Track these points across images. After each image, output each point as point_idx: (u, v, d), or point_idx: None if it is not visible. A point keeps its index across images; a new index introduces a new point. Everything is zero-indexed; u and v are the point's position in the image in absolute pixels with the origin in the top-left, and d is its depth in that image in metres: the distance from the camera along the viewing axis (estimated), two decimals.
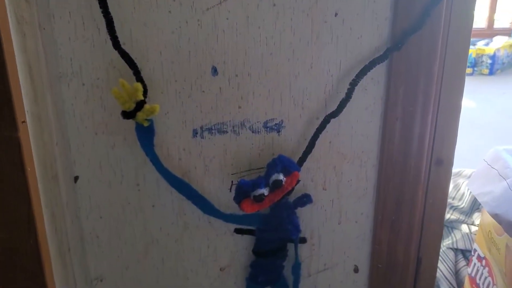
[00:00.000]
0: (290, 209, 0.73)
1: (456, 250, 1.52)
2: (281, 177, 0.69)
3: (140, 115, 0.65)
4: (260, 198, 0.68)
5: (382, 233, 0.79)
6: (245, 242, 0.81)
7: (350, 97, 0.68)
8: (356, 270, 0.83)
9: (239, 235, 0.80)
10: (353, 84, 0.68)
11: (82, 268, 0.81)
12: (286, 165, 0.68)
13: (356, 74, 0.68)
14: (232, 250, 0.81)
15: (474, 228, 1.51)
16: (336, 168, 0.76)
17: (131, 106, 0.64)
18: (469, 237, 1.47)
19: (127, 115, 0.64)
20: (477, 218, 1.53)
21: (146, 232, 0.80)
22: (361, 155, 0.76)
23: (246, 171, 0.75)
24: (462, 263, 1.46)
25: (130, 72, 0.68)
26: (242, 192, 0.69)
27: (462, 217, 1.59)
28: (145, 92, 0.65)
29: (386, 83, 0.71)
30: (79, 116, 0.72)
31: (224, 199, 0.77)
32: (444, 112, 0.73)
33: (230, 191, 0.76)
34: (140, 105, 0.64)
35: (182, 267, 0.82)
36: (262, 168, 0.75)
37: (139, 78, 0.65)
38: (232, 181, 0.75)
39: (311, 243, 0.81)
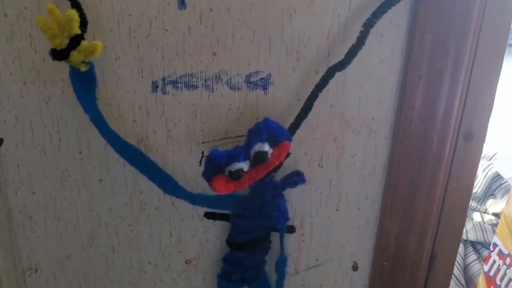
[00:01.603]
0: (276, 190, 0.58)
1: (465, 242, 1.39)
2: (266, 147, 0.54)
3: (75, 56, 0.48)
4: (237, 175, 0.53)
5: (391, 223, 0.65)
6: (218, 230, 0.66)
7: (362, 44, 0.53)
8: (355, 267, 0.69)
9: (210, 221, 0.65)
10: (367, 26, 0.52)
11: (10, 256, 0.65)
12: (273, 133, 0.53)
13: (372, 14, 0.52)
14: (201, 239, 0.67)
15: (487, 217, 1.37)
16: (337, 140, 0.61)
17: (63, 42, 0.48)
18: (481, 227, 1.33)
19: (58, 54, 0.48)
20: (491, 205, 1.40)
21: (92, 213, 0.64)
22: (371, 124, 0.60)
23: (221, 140, 0.60)
24: (472, 257, 1.32)
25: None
26: (214, 166, 0.53)
27: (474, 204, 1.45)
28: (83, 25, 0.49)
29: (409, 29, 0.56)
30: (0, 59, 0.56)
31: (191, 175, 0.62)
32: (480, 73, 0.58)
33: (200, 164, 0.61)
34: (75, 41, 0.47)
35: (137, 258, 0.67)
36: (242, 136, 0.60)
37: (74, 3, 0.48)
38: (202, 152, 0.60)
39: (301, 233, 0.67)
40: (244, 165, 0.54)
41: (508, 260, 1.02)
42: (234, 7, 0.54)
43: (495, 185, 1.47)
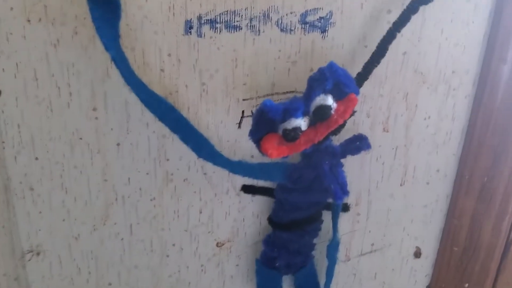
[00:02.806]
0: (335, 157, 0.48)
1: None
2: (329, 101, 0.44)
3: None
4: (294, 135, 0.43)
5: (466, 201, 0.55)
6: (257, 207, 0.56)
7: None
8: (417, 254, 0.60)
9: (248, 196, 0.56)
10: None
11: (7, 236, 0.56)
12: (340, 81, 0.43)
13: None
14: (237, 217, 0.57)
15: None
16: (408, 98, 0.51)
17: None
18: None
19: None
20: None
21: (107, 185, 0.55)
22: (450, 78, 0.50)
23: (266, 96, 0.50)
24: None
25: None
26: (266, 121, 0.43)
27: None
28: None
29: None
30: None
31: (228, 140, 0.52)
32: None
33: (239, 126, 0.51)
34: None
35: (159, 240, 0.58)
36: (292, 92, 0.50)
37: None
38: (242, 112, 0.50)
39: (356, 212, 0.57)
40: (303, 122, 0.44)
41: None
42: None
43: None
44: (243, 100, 0.51)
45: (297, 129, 0.43)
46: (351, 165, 0.53)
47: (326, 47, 0.48)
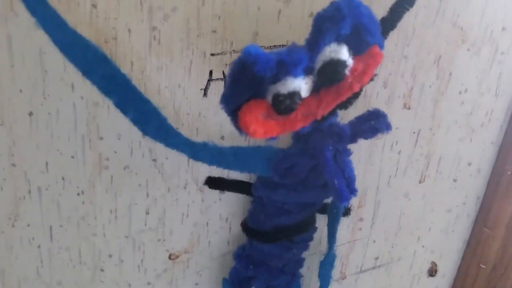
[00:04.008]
0: (342, 141, 0.34)
1: None
2: (345, 54, 0.29)
3: None
4: (289, 104, 0.29)
5: (504, 205, 0.42)
6: (228, 207, 0.42)
7: None
8: (432, 271, 0.46)
9: (215, 193, 0.41)
10: None
11: None
12: (363, 25, 0.28)
13: None
14: (198, 221, 0.42)
15: None
16: (440, 62, 0.37)
17: None
18: None
19: None
20: None
21: (15, 171, 0.39)
22: (499, 37, 0.37)
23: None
24: None
25: None
26: (248, 80, 0.28)
27: None
28: None
29: None
30: None
31: (189, 111, 0.37)
32: None
33: (205, 93, 0.36)
34: None
35: (90, 247, 0.42)
36: (283, 46, 0.35)
37: None
38: (210, 72, 0.36)
39: (358, 217, 0.43)
40: (304, 85, 0.29)
41: None
42: None
43: None
44: (212, 55, 0.36)
45: (295, 95, 0.28)
46: (355, 153, 0.39)
47: None
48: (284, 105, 0.28)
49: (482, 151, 0.41)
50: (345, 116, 0.37)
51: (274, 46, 0.36)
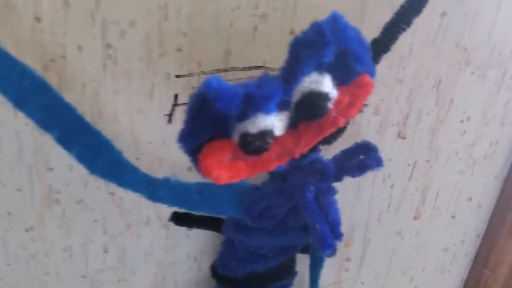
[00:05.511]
0: (326, 180, 0.30)
1: None
2: (327, 85, 0.25)
3: None
4: (260, 145, 0.24)
5: (508, 243, 0.38)
6: (196, 246, 0.37)
7: None
8: None
9: (182, 230, 0.36)
10: None
11: None
12: (351, 51, 0.24)
13: None
14: (163, 260, 0.37)
15: None
16: (441, 86, 0.33)
17: None
18: None
19: None
20: None
21: None
22: (508, 60, 0.33)
23: (215, 72, 0.31)
24: None
25: None
26: (210, 117, 0.24)
27: None
28: None
29: None
30: None
31: (152, 139, 0.33)
32: None
33: (170, 119, 0.32)
34: None
35: (43, 285, 0.38)
36: (260, 67, 0.31)
37: None
38: (175, 96, 0.31)
39: (345, 257, 0.39)
40: (277, 122, 0.25)
41: None
42: None
43: None
44: (177, 76, 0.31)
45: (266, 134, 0.24)
46: (343, 185, 0.35)
47: None
48: (254, 146, 0.24)
49: (484, 185, 0.37)
50: (330, 148, 0.33)
51: (250, 67, 0.31)
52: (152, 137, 0.33)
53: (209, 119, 0.24)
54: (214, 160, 0.24)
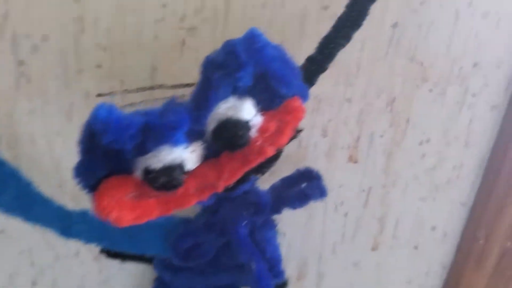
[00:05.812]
0: (261, 213, 0.27)
1: None
2: (247, 111, 0.21)
3: None
4: (169, 181, 0.21)
5: (476, 276, 0.35)
6: (131, 279, 0.34)
7: None
8: None
9: (114, 263, 0.33)
10: None
11: None
12: (271, 72, 0.21)
13: None
14: None
15: None
16: (395, 105, 0.30)
17: None
18: None
19: None
20: None
21: None
22: (470, 75, 0.30)
23: (140, 91, 0.28)
24: None
25: None
26: (104, 151, 0.21)
27: None
28: None
29: None
30: None
31: (67, 167, 0.29)
32: None
33: None
34: None
35: None
36: (189, 85, 0.28)
37: None
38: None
39: None
40: (187, 154, 0.22)
41: None
42: None
43: None
44: (98, 95, 0.28)
45: (173, 170, 0.21)
46: (291, 215, 0.32)
47: (254, 5, 0.26)
48: (159, 183, 0.21)
49: (449, 213, 0.34)
50: (269, 176, 0.30)
51: (178, 85, 0.28)
52: (74, 162, 0.30)
53: (102, 152, 0.20)
54: (112, 200, 0.21)
